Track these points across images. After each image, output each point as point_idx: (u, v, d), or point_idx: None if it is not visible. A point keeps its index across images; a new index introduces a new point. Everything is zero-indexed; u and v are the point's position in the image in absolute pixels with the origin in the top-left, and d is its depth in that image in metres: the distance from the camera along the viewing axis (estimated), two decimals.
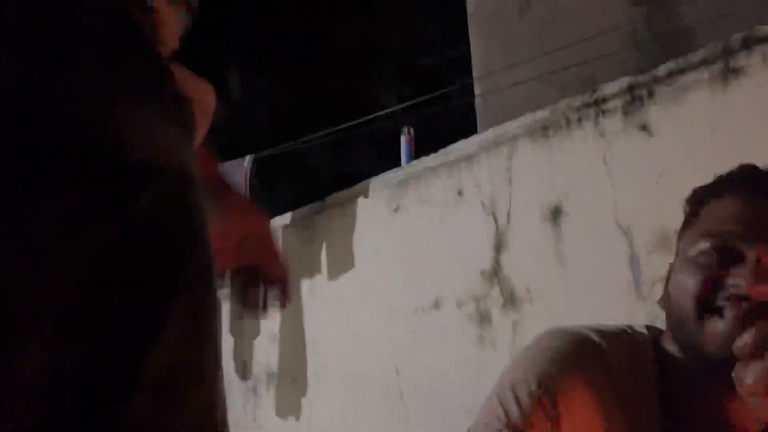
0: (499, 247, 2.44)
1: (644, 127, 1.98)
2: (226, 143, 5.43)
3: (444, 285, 2.63)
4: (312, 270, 3.35)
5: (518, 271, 2.35)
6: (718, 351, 0.60)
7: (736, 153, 1.82)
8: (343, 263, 3.16)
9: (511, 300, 2.37)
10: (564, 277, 2.18)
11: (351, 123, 3.46)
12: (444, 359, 2.58)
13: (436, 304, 2.67)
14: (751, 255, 0.63)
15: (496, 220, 2.47)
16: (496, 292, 2.43)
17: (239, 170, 3.12)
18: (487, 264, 2.47)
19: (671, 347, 0.69)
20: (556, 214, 2.23)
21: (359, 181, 3.14)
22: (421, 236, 2.78)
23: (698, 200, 0.73)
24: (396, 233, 2.91)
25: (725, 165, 1.75)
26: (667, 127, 1.92)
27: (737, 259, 0.64)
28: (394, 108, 3.28)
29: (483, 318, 2.47)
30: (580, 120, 2.17)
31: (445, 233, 2.67)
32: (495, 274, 2.44)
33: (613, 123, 2.06)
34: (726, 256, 0.64)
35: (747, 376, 0.54)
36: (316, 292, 3.34)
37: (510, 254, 2.39)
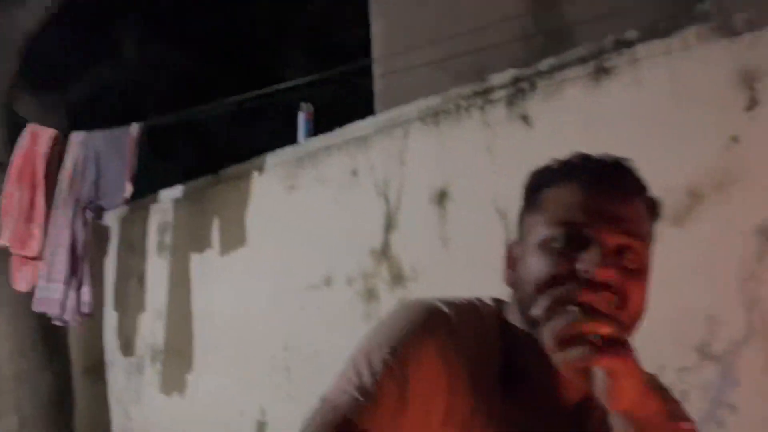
0: (389, 227, 2.52)
1: (525, 118, 2.10)
2: (115, 107, 5.17)
3: (335, 263, 2.68)
4: (203, 244, 3.30)
5: (406, 251, 2.44)
6: None
7: (606, 145, 1.98)
8: (235, 238, 3.14)
9: (398, 278, 2.46)
10: (447, 257, 2.29)
11: (250, 95, 3.40)
12: (332, 336, 2.64)
13: (327, 282, 2.72)
14: (596, 241, 0.68)
15: (387, 201, 2.54)
16: (384, 270, 2.51)
17: (127, 138, 3.00)
18: (377, 243, 2.54)
19: (516, 319, 0.73)
20: (442, 197, 2.33)
21: (256, 155, 3.11)
22: (314, 214, 2.81)
23: (537, 186, 0.76)
24: (290, 210, 2.92)
25: None
26: (546, 118, 2.05)
27: (585, 245, 0.68)
28: (292, 83, 3.26)
29: (371, 295, 2.55)
30: (468, 108, 2.27)
31: (338, 212, 2.72)
32: (384, 253, 2.52)
33: (497, 113, 2.18)
34: (575, 243, 0.68)
35: (543, 336, 0.60)
36: (206, 267, 3.30)
37: (399, 234, 2.48)
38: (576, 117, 1.97)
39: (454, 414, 0.69)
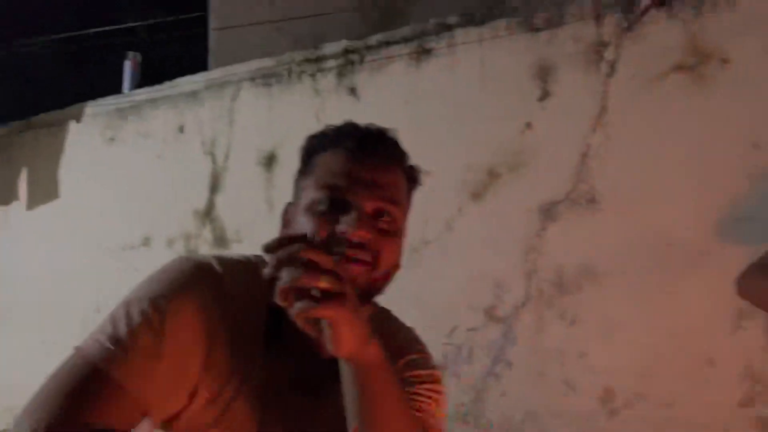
0: (214, 187, 2.51)
1: (353, 90, 2.19)
2: None
3: (156, 222, 2.62)
4: (8, 196, 3.04)
5: (230, 213, 2.45)
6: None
7: (423, 122, 2.13)
8: (46, 191, 2.93)
9: (221, 240, 2.47)
10: (271, 221, 2.33)
11: (72, 34, 3.16)
12: None
13: (146, 242, 2.64)
14: (355, 205, 0.72)
15: (214, 161, 2.52)
16: (207, 231, 2.50)
17: None
18: (201, 204, 2.52)
19: None
20: (270, 160, 2.36)
21: (77, 102, 2.91)
22: (135, 170, 2.71)
23: (311, 150, 0.79)
24: (109, 165, 2.79)
25: (416, 132, 2.04)
26: (371, 92, 2.15)
27: (345, 208, 0.72)
28: (118, 26, 3.08)
29: None
30: (300, 74, 2.32)
31: (162, 169, 2.65)
32: (208, 214, 2.51)
33: (328, 82, 2.24)
34: (337, 206, 0.72)
35: (275, 293, 0.62)
36: (10, 221, 3.05)
37: (224, 196, 2.48)
38: (398, 93, 2.09)
39: (213, 365, 0.72)
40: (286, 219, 0.81)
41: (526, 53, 1.86)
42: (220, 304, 0.74)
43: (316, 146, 0.80)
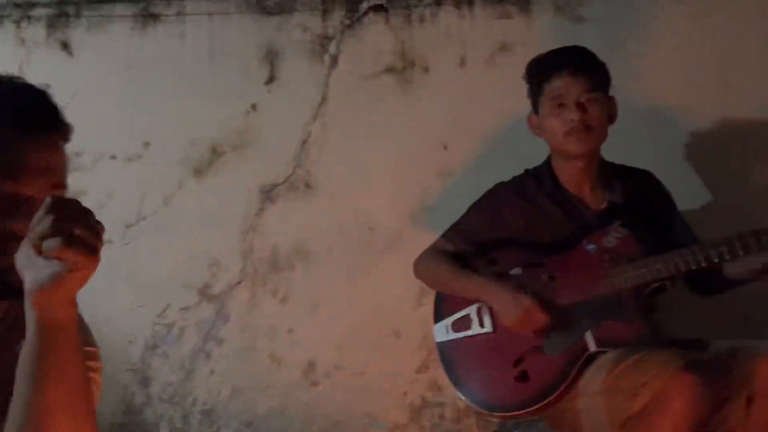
0: None
1: (65, 45, 2.05)
2: None
3: None
4: None
5: None
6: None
7: (146, 90, 2.07)
8: None
9: None
10: None
11: None
12: None
13: None
14: (32, 200, 0.72)
15: None
16: None
17: None
18: None
19: None
20: None
21: None
22: None
23: None
24: None
25: (138, 100, 1.98)
26: (88, 51, 2.03)
27: (22, 202, 0.73)
28: None
29: None
30: (2, 20, 2.09)
31: None
32: None
33: (36, 32, 2.06)
34: (11, 203, 0.73)
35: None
36: None
37: None
38: (119, 56, 2.01)
39: None
40: None
41: (256, 35, 1.94)
42: None
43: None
